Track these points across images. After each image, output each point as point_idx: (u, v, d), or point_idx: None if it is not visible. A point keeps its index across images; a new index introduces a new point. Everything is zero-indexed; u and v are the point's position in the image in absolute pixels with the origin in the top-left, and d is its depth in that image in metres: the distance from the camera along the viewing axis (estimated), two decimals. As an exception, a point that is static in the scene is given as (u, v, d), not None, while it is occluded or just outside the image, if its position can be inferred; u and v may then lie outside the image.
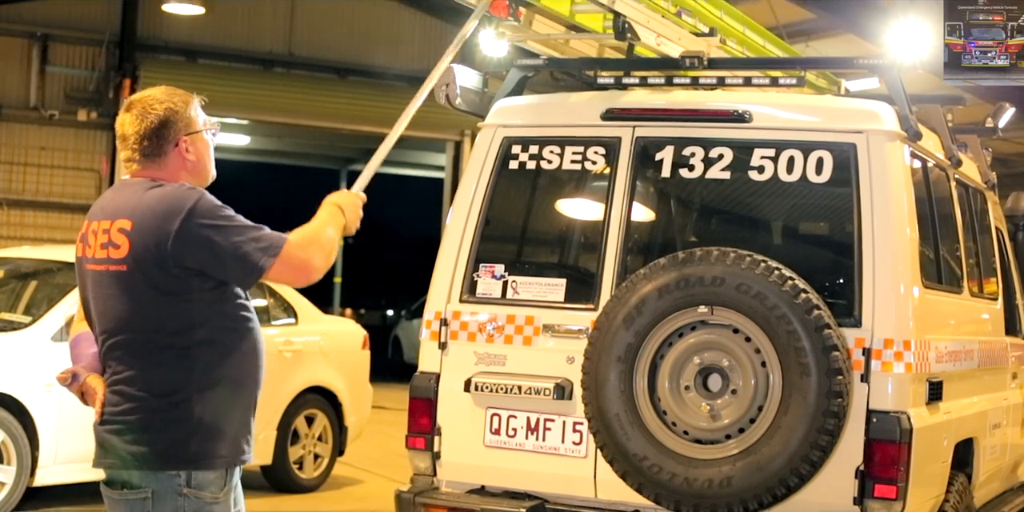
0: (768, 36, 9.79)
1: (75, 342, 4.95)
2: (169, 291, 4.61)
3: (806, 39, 20.70)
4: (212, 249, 4.58)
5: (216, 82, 24.16)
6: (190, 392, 4.65)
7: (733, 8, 9.11)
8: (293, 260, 4.66)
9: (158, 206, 4.61)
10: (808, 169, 6.91)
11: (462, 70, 7.53)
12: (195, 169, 4.88)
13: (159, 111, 4.78)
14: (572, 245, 7.71)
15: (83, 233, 4.83)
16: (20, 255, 13.23)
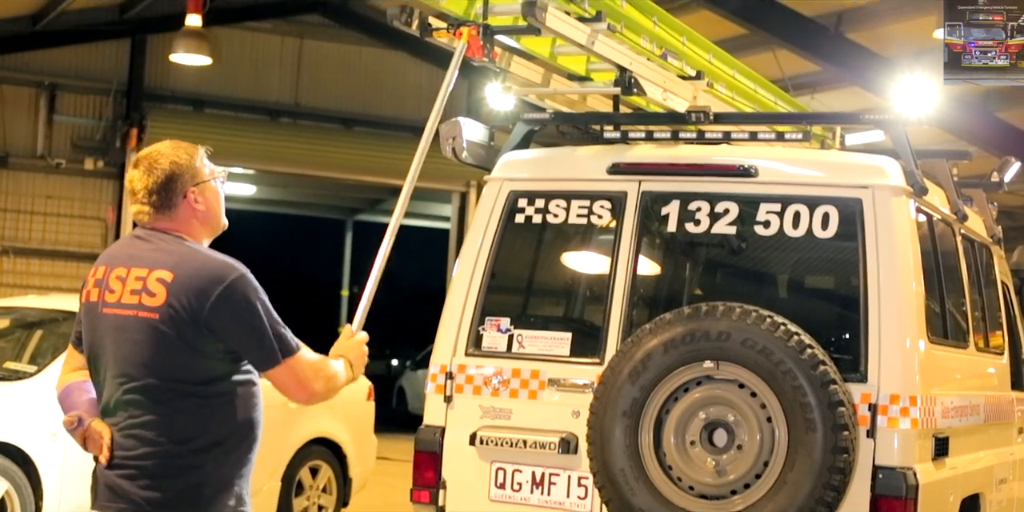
0: (761, 82, 9.76)
1: (66, 392, 4.99)
2: (196, 347, 4.71)
3: (811, 91, 20.76)
4: (239, 326, 4.73)
5: (223, 132, 24.22)
6: (206, 441, 4.74)
7: (722, 51, 9.12)
8: (299, 375, 4.84)
9: (203, 269, 4.75)
10: (814, 224, 6.91)
11: (468, 123, 7.56)
12: (206, 218, 4.99)
13: (164, 165, 4.89)
14: (578, 299, 7.71)
15: (100, 278, 4.89)
16: (25, 304, 13.22)
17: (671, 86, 7.86)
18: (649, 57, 7.76)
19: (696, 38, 8.63)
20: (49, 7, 22.27)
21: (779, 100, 9.84)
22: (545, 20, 6.54)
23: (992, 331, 8.76)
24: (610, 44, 7.25)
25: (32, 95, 24.14)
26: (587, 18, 7.05)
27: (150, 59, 24.47)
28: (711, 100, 8.45)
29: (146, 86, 24.52)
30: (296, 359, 4.80)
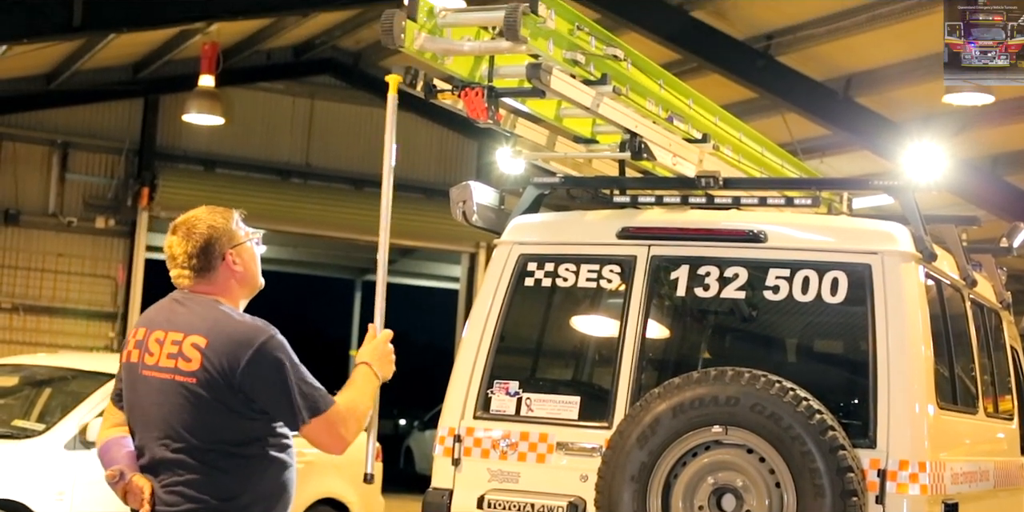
0: (768, 145, 9.72)
1: (106, 448, 5.15)
2: (233, 409, 4.89)
3: (821, 155, 20.82)
4: (269, 388, 4.90)
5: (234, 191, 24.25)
6: (249, 498, 4.92)
7: (728, 114, 9.07)
8: (332, 431, 4.99)
9: (235, 333, 4.93)
10: (823, 289, 6.93)
11: (479, 187, 7.60)
12: (243, 279, 5.22)
13: (202, 230, 5.11)
14: (587, 363, 7.72)
15: (140, 339, 5.08)
16: (35, 362, 13.25)
17: (677, 149, 7.85)
18: (655, 120, 7.78)
19: (702, 101, 8.60)
20: (63, 66, 22.40)
21: (786, 163, 9.78)
22: (550, 83, 6.56)
23: (1002, 396, 8.75)
24: (616, 107, 7.28)
25: (45, 153, 24.23)
26: (592, 81, 7.06)
27: (162, 119, 24.57)
28: (718, 163, 8.41)
29: (158, 145, 24.61)
30: (325, 416, 4.95)
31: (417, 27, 6.48)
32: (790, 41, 18.37)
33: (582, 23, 7.04)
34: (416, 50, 6.51)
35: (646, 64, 7.76)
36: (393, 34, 6.34)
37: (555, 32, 6.75)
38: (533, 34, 6.53)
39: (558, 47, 6.82)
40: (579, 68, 6.96)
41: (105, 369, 11.80)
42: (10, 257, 24.09)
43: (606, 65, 7.18)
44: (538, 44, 6.61)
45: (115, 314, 24.48)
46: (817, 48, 18.29)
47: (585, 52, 6.97)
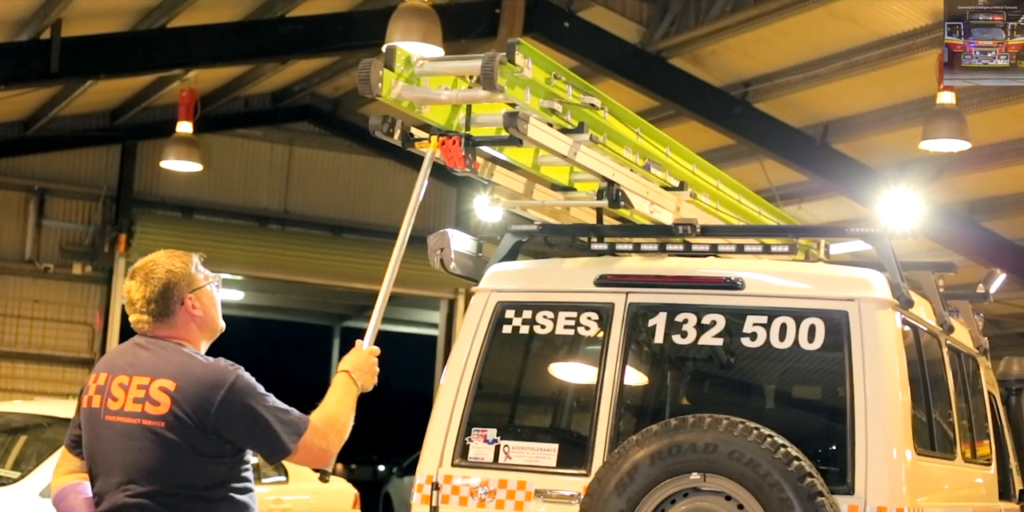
0: (745, 192, 9.68)
1: (61, 495, 5.08)
2: (203, 452, 4.85)
3: (799, 201, 20.90)
4: (246, 424, 4.87)
5: (212, 238, 24.25)
6: None
7: (705, 162, 9.02)
8: (314, 448, 4.97)
9: (204, 376, 4.89)
10: (800, 336, 6.95)
11: (457, 235, 7.61)
12: (203, 323, 5.17)
13: (160, 274, 5.06)
14: (565, 410, 7.72)
15: (101, 384, 5.01)
16: (10, 409, 13.19)
17: (654, 197, 7.83)
18: (632, 168, 7.74)
19: (679, 149, 8.55)
20: (41, 112, 22.40)
21: (763, 210, 9.76)
22: (527, 131, 6.50)
23: (979, 441, 8.76)
24: (592, 155, 7.22)
25: (22, 199, 24.20)
26: (569, 129, 7.00)
27: (140, 165, 24.57)
28: (694, 210, 8.38)
29: (136, 192, 24.59)
30: (304, 440, 4.93)
31: (394, 76, 6.46)
32: (767, 88, 18.48)
33: (559, 72, 6.99)
34: (393, 99, 6.49)
35: (623, 112, 7.74)
36: (370, 83, 6.32)
37: (532, 81, 6.71)
38: (510, 83, 6.49)
39: (535, 96, 6.78)
40: (556, 117, 6.91)
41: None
42: (-14, 303, 24.03)
43: (583, 113, 7.15)
44: (515, 93, 6.57)
45: (92, 360, 24.36)
46: (794, 95, 18.40)
47: (562, 101, 6.93)
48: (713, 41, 17.70)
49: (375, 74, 6.34)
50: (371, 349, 5.46)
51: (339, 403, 5.15)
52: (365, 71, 6.32)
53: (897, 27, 15.86)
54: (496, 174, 7.60)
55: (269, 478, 12.96)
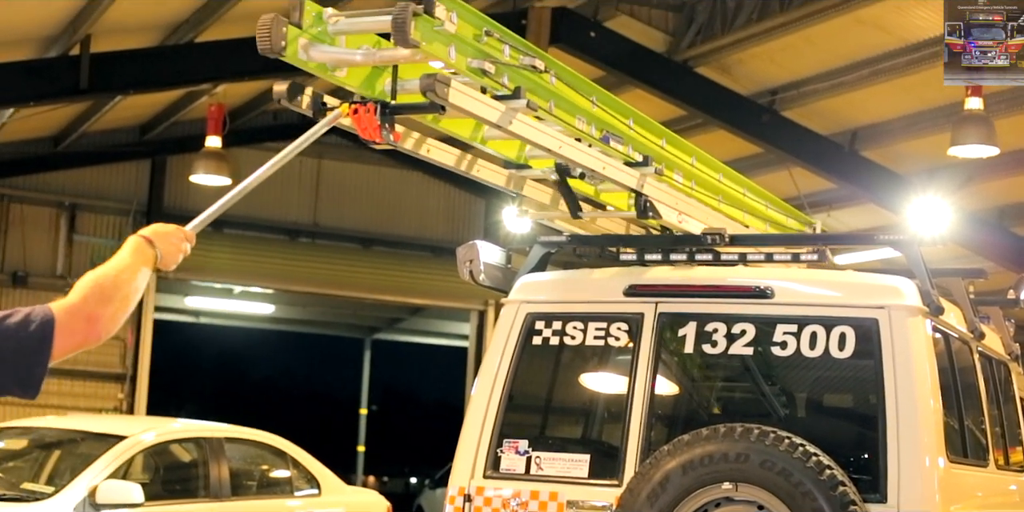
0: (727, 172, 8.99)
1: None
2: None
3: (827, 208, 20.87)
4: None
5: (242, 252, 24.35)
6: None
7: (676, 135, 8.32)
8: (75, 311, 4.04)
9: None
10: (831, 344, 6.93)
11: (486, 246, 7.61)
12: None
13: None
14: (596, 421, 7.71)
15: None
16: (44, 424, 13.23)
17: (611, 173, 7.24)
18: (589, 142, 7.11)
19: (646, 121, 7.81)
20: (70, 128, 22.51)
21: (749, 192, 9.25)
22: (448, 95, 5.88)
23: (1012, 448, 8.73)
24: (533, 125, 6.60)
25: (52, 215, 24.31)
26: (506, 95, 6.34)
27: (170, 179, 24.67)
28: (663, 189, 7.85)
29: (165, 206, 24.68)
30: (63, 303, 4.03)
31: (301, 34, 5.75)
32: (794, 96, 18.47)
33: (493, 28, 6.27)
34: (301, 61, 5.79)
35: (574, 78, 7.07)
36: (271, 40, 5.59)
37: (457, 37, 5.96)
38: (428, 38, 5.73)
39: (461, 55, 6.03)
40: (489, 79, 6.22)
41: (115, 431, 11.80)
42: (19, 319, 24.07)
43: (522, 76, 6.47)
44: (434, 50, 5.81)
45: (124, 375, 24.50)
46: (822, 103, 18.38)
47: (495, 61, 6.23)
48: (740, 49, 17.71)
49: (277, 30, 5.61)
50: (187, 231, 4.59)
51: (120, 263, 4.22)
52: (265, 27, 5.58)
53: (923, 33, 15.84)
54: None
55: (301, 491, 12.98)
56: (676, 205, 7.60)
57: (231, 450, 12.33)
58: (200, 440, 12.25)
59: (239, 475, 12.46)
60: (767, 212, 9.28)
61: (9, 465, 12.19)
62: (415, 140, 6.76)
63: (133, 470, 11.69)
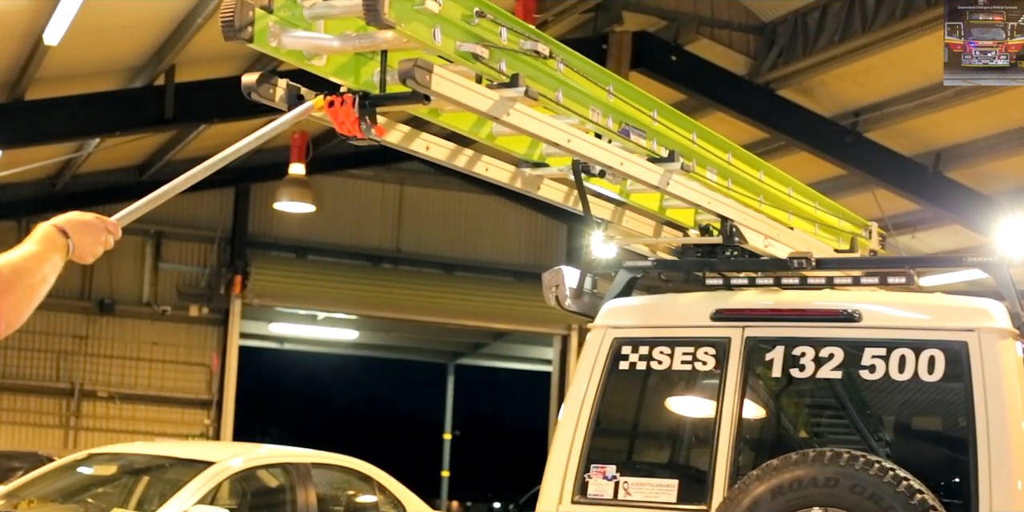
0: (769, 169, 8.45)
1: None
2: None
3: (912, 230, 20.74)
4: None
5: (325, 278, 24.51)
6: None
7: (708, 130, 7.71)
8: None
9: None
10: (920, 368, 6.87)
11: (571, 272, 7.61)
12: None
13: None
14: (683, 445, 7.69)
15: None
16: (132, 450, 13.35)
17: (630, 168, 6.70)
18: (610, 136, 6.59)
19: (673, 114, 7.26)
20: (155, 157, 22.75)
21: (794, 192, 8.73)
22: (430, 83, 5.30)
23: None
24: (534, 116, 6.03)
25: (138, 243, 24.59)
26: (499, 84, 5.75)
27: (254, 207, 24.91)
28: (693, 187, 7.38)
29: (250, 233, 24.91)
30: None
31: (272, 18, 5.15)
32: (878, 117, 18.38)
33: (486, 9, 5.59)
34: (272, 47, 5.19)
35: (586, 65, 6.42)
36: (235, 24, 4.99)
37: (442, 18, 5.32)
38: (406, 18, 5.08)
39: (448, 38, 5.38)
40: (482, 66, 5.57)
41: (203, 457, 11.88)
42: (106, 346, 24.43)
43: (523, 63, 5.85)
44: (416, 32, 5.17)
45: (210, 401, 24.72)
46: (905, 123, 18.29)
47: (488, 44, 5.55)
48: (822, 71, 17.66)
49: (242, 13, 5.01)
50: (110, 221, 4.21)
51: (25, 251, 3.87)
52: (229, 10, 4.98)
53: (1008, 53, 15.72)
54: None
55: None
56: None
57: (318, 475, 12.37)
58: (287, 465, 12.31)
59: (326, 500, 12.50)
60: (815, 213, 8.92)
61: (99, 491, 12.30)
62: (404, 135, 6.19)
63: (221, 496, 11.76)
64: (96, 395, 24.31)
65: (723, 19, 18.44)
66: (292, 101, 5.51)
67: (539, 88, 5.83)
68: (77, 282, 24.40)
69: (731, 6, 18.41)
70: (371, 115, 5.46)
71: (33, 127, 17.03)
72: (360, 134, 5.46)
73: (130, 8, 14.37)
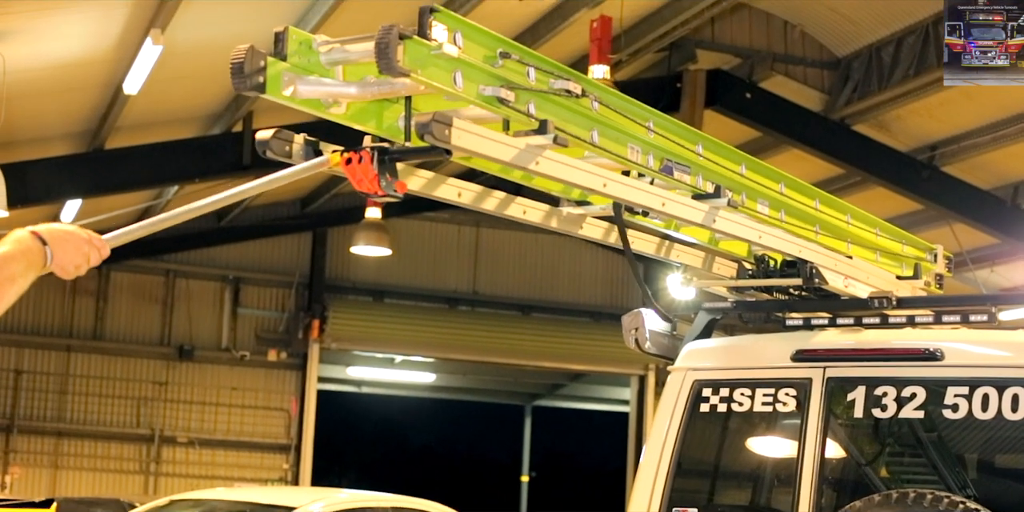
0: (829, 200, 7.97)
1: None
2: None
3: (991, 264, 20.60)
4: None
5: (403, 321, 24.59)
6: None
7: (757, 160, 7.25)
8: None
9: None
10: (1003, 406, 6.81)
11: (650, 314, 7.60)
12: None
13: None
14: (765, 487, 7.64)
15: None
16: (214, 496, 13.43)
17: (672, 208, 6.35)
18: (651, 176, 6.25)
19: (718, 147, 6.83)
20: (234, 204, 22.92)
21: (853, 219, 8.19)
22: (450, 137, 4.97)
23: None
24: (566, 162, 5.67)
25: (217, 289, 24.78)
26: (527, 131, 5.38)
27: (331, 251, 25.04)
28: (742, 222, 6.89)
29: (327, 277, 25.03)
30: None
31: (285, 66, 4.85)
32: (954, 151, 18.30)
33: (511, 49, 5.24)
34: (287, 97, 4.89)
35: (623, 102, 6.05)
36: (244, 75, 4.70)
37: (462, 62, 4.96)
38: (422, 64, 4.77)
39: (469, 81, 5.01)
40: (507, 109, 5.19)
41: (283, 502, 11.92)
42: (185, 392, 24.60)
43: (553, 104, 5.47)
44: (435, 77, 4.84)
45: (289, 446, 24.79)
46: (982, 156, 18.19)
47: (514, 86, 5.17)
48: (897, 105, 17.60)
49: (252, 63, 4.70)
50: (99, 238, 4.04)
51: None
52: (239, 59, 4.68)
53: (1085, 84, 15.61)
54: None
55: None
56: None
57: (398, 520, 12.40)
58: (367, 510, 12.33)
59: (406, 544, 12.51)
60: (876, 240, 8.55)
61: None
62: (428, 181, 5.80)
63: (303, 541, 11.79)
64: (176, 441, 24.46)
65: (797, 55, 18.42)
66: (309, 158, 5.25)
67: (572, 128, 5.54)
68: (157, 328, 24.62)
69: (805, 42, 18.39)
70: (391, 171, 5.09)
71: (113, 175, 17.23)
72: (380, 191, 5.06)
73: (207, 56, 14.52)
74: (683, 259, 7.55)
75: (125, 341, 24.47)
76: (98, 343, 24.39)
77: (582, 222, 6.80)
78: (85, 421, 24.24)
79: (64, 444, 24.16)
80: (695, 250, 7.58)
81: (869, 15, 17.45)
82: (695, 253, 7.63)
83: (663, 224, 6.89)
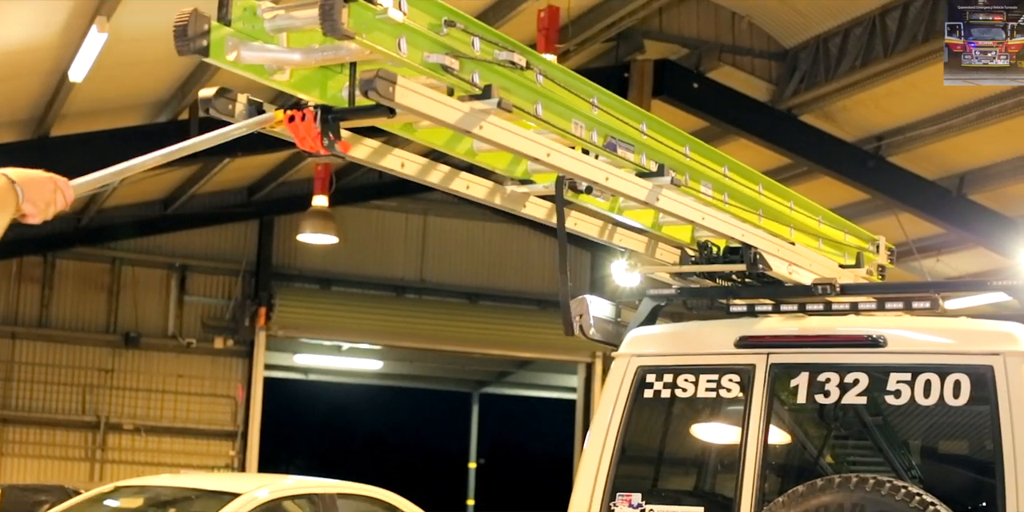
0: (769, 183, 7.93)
1: None
2: None
3: (936, 254, 20.72)
4: None
5: (350, 309, 24.56)
6: None
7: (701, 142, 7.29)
8: None
9: None
10: (945, 392, 6.86)
11: (595, 301, 7.61)
12: None
13: None
14: (709, 472, 7.68)
15: None
16: (159, 483, 13.38)
17: (616, 184, 6.31)
18: (595, 151, 6.18)
19: (663, 128, 6.80)
20: (180, 191, 22.84)
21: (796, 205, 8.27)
22: (395, 95, 4.90)
23: None
24: (511, 130, 5.64)
25: (163, 277, 24.69)
26: (471, 96, 5.35)
27: (278, 239, 24.99)
28: (686, 202, 6.93)
29: (274, 265, 24.99)
30: None
31: (229, 32, 4.81)
32: (900, 141, 18.40)
33: (456, 18, 5.28)
34: (230, 61, 4.86)
35: (569, 78, 6.05)
36: (188, 38, 4.68)
37: (407, 28, 4.95)
38: (367, 28, 4.74)
39: (414, 48, 5.01)
40: (452, 78, 5.20)
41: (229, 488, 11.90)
42: (131, 379, 24.52)
43: (498, 74, 5.48)
44: (379, 42, 4.81)
45: (235, 433, 24.76)
46: (928, 147, 18.29)
47: (459, 55, 5.19)
48: (844, 96, 17.68)
49: (196, 26, 4.67)
50: (65, 182, 4.09)
51: None
52: (182, 23, 4.65)
53: (1030, 75, 15.71)
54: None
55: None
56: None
57: (344, 506, 12.38)
58: (313, 496, 12.32)
59: (352, 531, 12.50)
60: (819, 228, 8.58)
61: (126, 524, 12.32)
62: (374, 151, 5.81)
63: (248, 527, 11.77)
64: (122, 428, 24.37)
65: (745, 46, 18.48)
66: (252, 115, 5.22)
67: (516, 101, 5.50)
68: (103, 315, 24.51)
69: (753, 33, 18.45)
70: (334, 130, 5.06)
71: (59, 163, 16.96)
72: (323, 150, 5.06)
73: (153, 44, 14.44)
74: (626, 244, 7.56)
75: (71, 328, 24.37)
76: (43, 330, 24.27)
77: (525, 201, 6.79)
78: (30, 408, 24.12)
79: (9, 431, 24.04)
80: (638, 235, 7.60)
81: (817, 7, 17.52)
82: (638, 238, 7.64)
83: (606, 205, 6.86)
